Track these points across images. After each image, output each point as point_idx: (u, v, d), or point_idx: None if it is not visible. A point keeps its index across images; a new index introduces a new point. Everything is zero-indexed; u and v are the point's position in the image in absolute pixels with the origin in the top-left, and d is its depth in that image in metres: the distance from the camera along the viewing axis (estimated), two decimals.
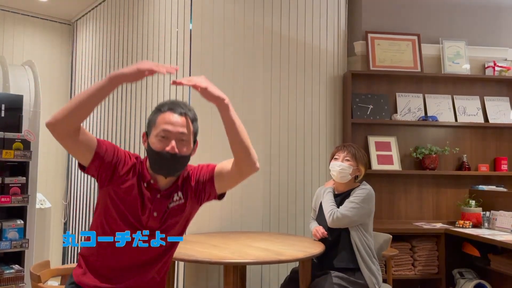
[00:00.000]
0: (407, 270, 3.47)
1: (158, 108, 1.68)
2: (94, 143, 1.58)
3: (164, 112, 1.64)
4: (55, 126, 1.47)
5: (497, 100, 4.02)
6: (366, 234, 2.52)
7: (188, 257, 2.18)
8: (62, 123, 1.47)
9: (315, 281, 2.42)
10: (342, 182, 2.61)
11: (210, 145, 3.07)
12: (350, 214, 2.46)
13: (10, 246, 2.97)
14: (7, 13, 4.70)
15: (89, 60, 4.56)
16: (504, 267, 3.12)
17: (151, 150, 1.63)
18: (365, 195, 2.51)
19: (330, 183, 2.73)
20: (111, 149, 1.63)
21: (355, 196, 2.52)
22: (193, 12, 3.04)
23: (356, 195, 2.52)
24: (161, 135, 1.61)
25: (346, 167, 2.57)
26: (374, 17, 4.00)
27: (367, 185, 2.61)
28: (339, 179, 2.60)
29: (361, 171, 2.62)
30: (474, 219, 3.56)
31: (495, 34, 4.13)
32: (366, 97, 3.86)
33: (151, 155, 1.63)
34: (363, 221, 2.52)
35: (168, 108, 1.66)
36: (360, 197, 2.50)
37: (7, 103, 3.10)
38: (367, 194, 2.52)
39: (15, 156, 2.99)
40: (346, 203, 2.51)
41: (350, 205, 2.48)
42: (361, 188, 2.57)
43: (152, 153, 1.63)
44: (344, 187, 2.64)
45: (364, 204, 2.49)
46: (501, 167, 3.92)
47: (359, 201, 2.49)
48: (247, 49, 3.32)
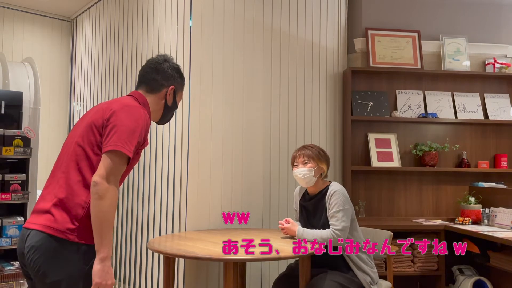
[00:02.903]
0: (407, 267, 3.48)
1: (183, 77, 1.98)
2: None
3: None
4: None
5: (497, 97, 4.02)
6: (353, 234, 2.53)
7: (189, 254, 2.19)
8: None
9: (313, 279, 2.43)
10: (310, 186, 2.61)
11: (210, 144, 3.07)
12: (345, 223, 2.45)
13: (11, 243, 2.97)
14: (7, 9, 4.69)
15: (89, 56, 4.56)
16: (504, 264, 3.13)
17: (175, 105, 1.94)
18: (342, 198, 2.49)
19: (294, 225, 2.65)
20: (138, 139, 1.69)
21: (333, 205, 2.48)
22: (193, 9, 3.03)
23: (334, 203, 2.48)
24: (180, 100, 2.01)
25: (307, 171, 2.55)
26: (374, 13, 4.00)
27: (335, 184, 2.58)
28: (305, 184, 2.60)
29: (323, 168, 2.61)
30: (474, 216, 3.57)
31: (495, 31, 4.13)
32: (366, 94, 3.86)
33: (173, 108, 1.94)
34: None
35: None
36: (339, 203, 2.47)
37: (7, 100, 3.10)
38: (342, 195, 2.50)
39: (15, 153, 2.99)
40: (333, 217, 2.47)
41: (338, 216, 2.45)
42: (333, 192, 2.51)
43: (175, 107, 1.94)
44: (314, 188, 2.63)
45: (346, 205, 2.48)
46: (501, 164, 3.92)
47: (341, 207, 2.46)
48: (247, 45, 3.32)
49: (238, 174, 3.21)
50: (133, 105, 1.70)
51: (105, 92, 4.13)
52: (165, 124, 1.98)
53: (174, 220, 3.02)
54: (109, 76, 4.08)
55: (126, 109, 1.66)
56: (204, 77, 3.06)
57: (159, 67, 1.88)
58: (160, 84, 1.87)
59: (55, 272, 1.53)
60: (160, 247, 2.34)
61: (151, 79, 1.87)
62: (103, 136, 1.62)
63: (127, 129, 1.61)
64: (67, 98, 5.01)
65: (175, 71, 1.92)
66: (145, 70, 1.90)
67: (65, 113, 4.99)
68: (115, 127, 1.61)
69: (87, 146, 1.64)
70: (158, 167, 3.24)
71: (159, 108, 1.89)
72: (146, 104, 1.84)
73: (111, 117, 1.63)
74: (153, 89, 1.87)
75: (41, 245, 1.54)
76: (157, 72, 1.88)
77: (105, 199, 1.52)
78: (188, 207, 2.94)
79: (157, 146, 3.27)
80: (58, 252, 1.55)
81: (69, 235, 1.56)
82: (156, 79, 1.87)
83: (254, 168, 3.31)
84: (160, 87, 1.87)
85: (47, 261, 1.54)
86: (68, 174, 1.62)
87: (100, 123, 1.65)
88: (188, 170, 2.95)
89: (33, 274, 1.57)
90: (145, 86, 1.87)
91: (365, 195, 3.85)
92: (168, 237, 2.69)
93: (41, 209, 1.62)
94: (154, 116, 1.91)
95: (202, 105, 3.05)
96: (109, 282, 1.55)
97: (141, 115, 1.68)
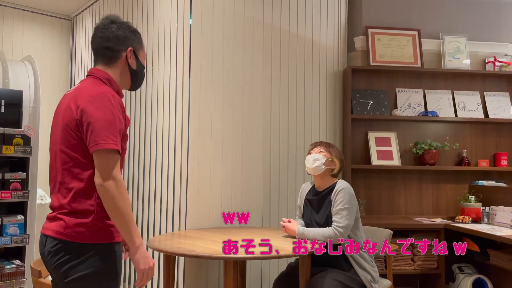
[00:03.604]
0: (407, 265, 3.48)
1: (137, 32, 1.81)
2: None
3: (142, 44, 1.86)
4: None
5: (497, 96, 4.02)
6: (355, 233, 2.53)
7: (189, 252, 2.19)
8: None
9: (314, 278, 2.43)
10: (316, 173, 2.60)
11: (209, 143, 3.07)
12: (348, 221, 2.45)
13: (11, 242, 2.97)
14: (6, 8, 4.69)
15: (89, 55, 4.55)
16: (503, 262, 3.13)
17: (141, 65, 1.79)
18: (348, 196, 2.50)
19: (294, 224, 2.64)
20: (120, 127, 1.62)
21: (338, 202, 2.49)
22: (193, 7, 3.03)
23: (340, 200, 2.49)
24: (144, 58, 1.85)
25: (320, 157, 2.58)
26: (374, 12, 3.99)
27: (342, 182, 2.59)
28: (313, 170, 2.59)
29: (336, 164, 2.62)
30: (474, 215, 3.57)
31: (495, 29, 4.13)
32: (366, 92, 3.86)
33: (140, 70, 1.80)
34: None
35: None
36: (345, 201, 2.48)
37: (6, 99, 3.10)
38: (348, 193, 2.51)
39: (15, 152, 2.99)
40: (337, 214, 2.48)
41: (342, 213, 2.46)
42: (340, 189, 2.52)
43: (142, 68, 1.80)
44: (321, 182, 2.63)
45: (351, 204, 2.49)
46: (500, 162, 3.92)
47: (347, 205, 2.47)
48: (247, 44, 3.32)
49: (238, 172, 3.21)
50: (98, 93, 1.59)
51: None
52: (138, 88, 1.86)
53: (174, 219, 3.02)
54: None
55: (93, 101, 1.56)
56: (204, 75, 3.05)
57: (108, 33, 1.71)
58: (115, 50, 1.72)
59: (73, 274, 1.56)
60: (160, 246, 2.34)
61: (104, 48, 1.72)
62: (83, 136, 1.57)
63: (103, 123, 1.54)
64: None
65: (126, 30, 1.74)
66: (95, 40, 1.74)
67: None
68: (90, 124, 1.54)
69: (72, 151, 1.60)
70: (158, 165, 3.24)
71: (126, 76, 1.76)
72: (111, 79, 1.71)
73: (83, 116, 1.56)
74: (111, 59, 1.73)
75: (56, 250, 1.58)
76: (107, 39, 1.71)
77: (116, 196, 1.53)
78: (188, 205, 2.95)
79: (157, 144, 3.27)
80: (73, 255, 1.57)
81: (80, 239, 1.57)
82: (110, 46, 1.71)
83: (254, 166, 3.31)
84: (116, 53, 1.72)
85: (63, 264, 1.57)
86: (68, 185, 1.61)
87: (74, 124, 1.58)
88: (188, 168, 2.95)
89: (54, 276, 1.63)
90: (102, 58, 1.74)
91: (365, 193, 3.85)
92: (168, 236, 2.69)
93: (52, 216, 1.65)
94: (123, 86, 1.78)
95: (202, 103, 3.05)
96: (151, 264, 1.62)
97: (109, 100, 1.58)
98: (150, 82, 3.43)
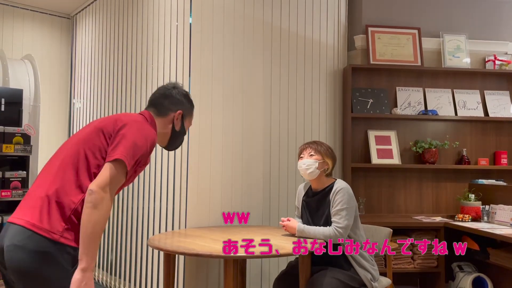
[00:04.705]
0: (407, 264, 3.48)
1: (192, 104, 2.03)
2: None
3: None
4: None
5: (497, 94, 4.02)
6: (355, 232, 2.53)
7: (189, 250, 2.19)
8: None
9: (314, 276, 2.43)
10: (312, 178, 2.61)
11: (210, 140, 3.07)
12: (348, 221, 2.45)
13: None
14: (6, 7, 4.69)
15: (89, 54, 4.55)
16: (503, 261, 3.14)
17: (183, 130, 1.98)
18: (347, 196, 2.49)
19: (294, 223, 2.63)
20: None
21: (337, 202, 2.49)
22: (192, 6, 3.03)
23: (339, 200, 2.48)
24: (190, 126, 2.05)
25: (312, 162, 2.57)
26: (375, 10, 3.99)
27: (340, 181, 2.59)
28: (308, 176, 2.59)
29: (328, 164, 2.61)
30: (474, 213, 3.57)
31: (495, 28, 4.12)
32: (366, 91, 3.86)
33: (181, 133, 1.98)
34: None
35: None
36: (344, 201, 2.48)
37: (7, 97, 3.10)
38: (347, 193, 2.50)
39: (15, 150, 2.99)
40: (336, 215, 2.48)
41: (342, 214, 2.46)
42: (339, 189, 2.52)
43: (183, 132, 1.99)
44: (317, 184, 2.63)
45: (350, 204, 2.49)
46: (500, 161, 3.93)
47: (346, 206, 2.47)
48: (247, 43, 3.32)
49: (237, 171, 3.22)
50: (145, 123, 1.75)
51: (105, 89, 4.13)
52: (172, 150, 2.03)
53: (174, 217, 3.02)
54: (109, 73, 4.08)
55: (137, 124, 1.70)
56: (203, 74, 3.05)
57: (168, 93, 1.94)
58: (167, 108, 1.92)
59: (38, 272, 1.48)
60: (160, 244, 2.34)
61: (159, 103, 1.92)
62: (109, 145, 1.64)
63: (134, 143, 1.63)
64: (67, 95, 5.01)
65: (183, 96, 1.97)
66: (155, 95, 1.95)
67: (65, 110, 4.99)
68: (124, 138, 1.63)
69: (89, 148, 1.64)
70: (158, 164, 3.24)
71: (167, 132, 1.93)
72: (154, 125, 1.88)
73: (122, 129, 1.66)
74: (160, 113, 1.91)
75: (25, 244, 1.48)
76: (165, 97, 1.93)
77: (98, 209, 1.50)
78: (188, 204, 2.95)
79: None
80: (42, 251, 1.49)
81: (54, 235, 1.51)
82: (164, 104, 1.92)
83: (254, 165, 3.32)
84: (167, 111, 1.92)
85: (29, 261, 1.48)
86: (64, 170, 1.60)
87: (110, 130, 1.67)
88: (188, 167, 2.95)
89: (12, 273, 1.50)
90: (154, 108, 1.92)
91: (365, 192, 3.85)
92: (168, 234, 2.70)
93: (28, 204, 1.57)
94: (161, 140, 1.95)
95: (202, 101, 3.05)
96: None
97: (150, 134, 1.72)
98: (150, 81, 3.43)
